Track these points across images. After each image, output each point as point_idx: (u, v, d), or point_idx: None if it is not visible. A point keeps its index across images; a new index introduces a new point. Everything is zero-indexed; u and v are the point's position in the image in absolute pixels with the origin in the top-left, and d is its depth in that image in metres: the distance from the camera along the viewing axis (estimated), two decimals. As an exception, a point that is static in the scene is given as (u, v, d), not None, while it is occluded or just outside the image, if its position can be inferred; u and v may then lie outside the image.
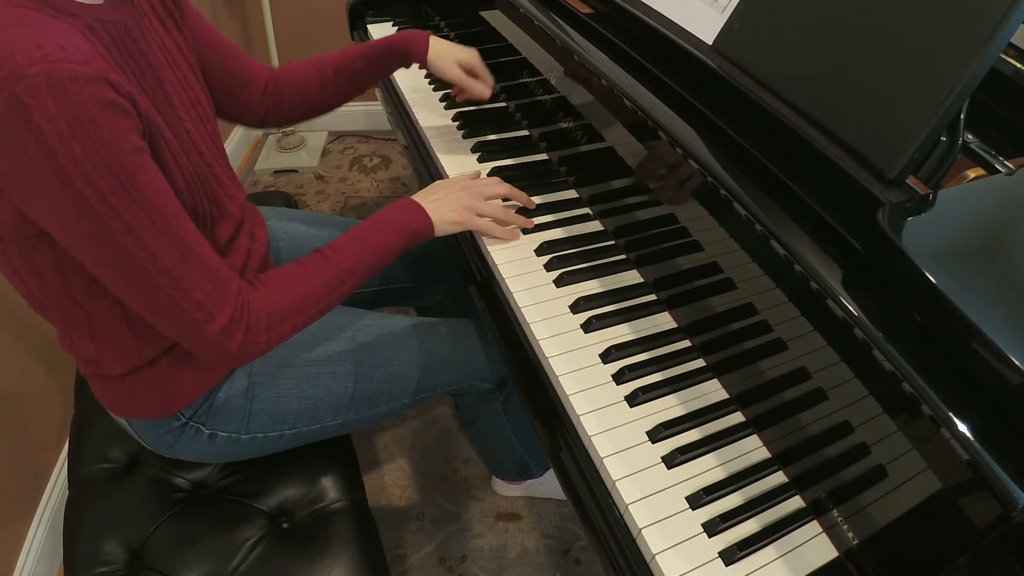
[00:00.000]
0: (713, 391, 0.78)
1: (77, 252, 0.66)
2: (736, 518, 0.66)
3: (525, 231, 0.98)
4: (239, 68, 0.99)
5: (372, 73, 1.08)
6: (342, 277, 0.82)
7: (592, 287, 0.90)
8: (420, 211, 0.90)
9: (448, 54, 1.07)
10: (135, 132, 0.63)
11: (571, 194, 1.06)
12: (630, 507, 0.67)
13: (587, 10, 1.00)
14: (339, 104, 1.10)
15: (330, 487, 0.95)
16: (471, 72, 1.09)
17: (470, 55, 1.09)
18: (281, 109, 1.06)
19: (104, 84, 0.59)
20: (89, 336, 0.78)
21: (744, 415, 0.76)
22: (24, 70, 0.55)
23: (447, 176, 1.10)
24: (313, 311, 0.80)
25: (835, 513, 0.64)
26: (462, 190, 0.94)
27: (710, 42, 0.81)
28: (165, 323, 0.70)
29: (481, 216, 0.93)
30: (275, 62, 2.31)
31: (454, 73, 1.08)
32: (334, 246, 0.83)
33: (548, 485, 1.40)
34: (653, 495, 0.68)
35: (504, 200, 1.00)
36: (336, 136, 2.55)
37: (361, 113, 2.52)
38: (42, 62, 0.56)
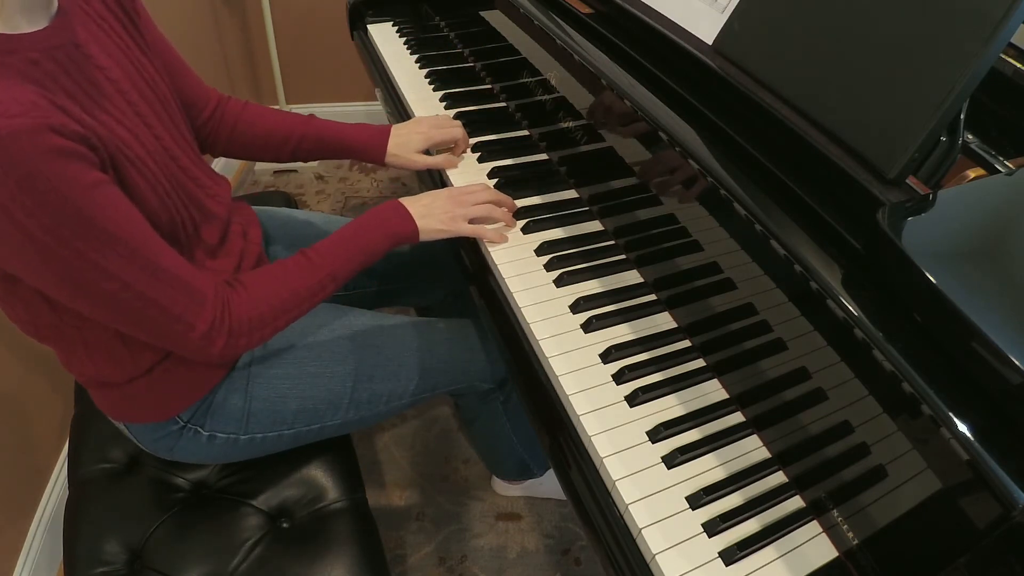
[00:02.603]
0: (713, 391, 0.78)
1: (52, 293, 0.68)
2: (736, 518, 0.66)
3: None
4: (184, 88, 0.94)
5: (327, 156, 1.08)
6: (324, 282, 0.83)
7: (592, 287, 0.90)
8: (406, 216, 0.91)
9: (408, 146, 1.07)
10: (90, 168, 0.62)
11: (571, 194, 1.05)
12: (630, 507, 0.67)
13: (587, 10, 1.00)
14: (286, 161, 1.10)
15: (330, 487, 0.95)
16: (444, 142, 1.10)
17: (430, 135, 1.08)
18: (218, 142, 1.03)
19: (48, 132, 0.57)
20: (86, 356, 0.79)
21: (744, 415, 0.76)
22: None
23: (446, 175, 1.10)
24: (294, 314, 0.82)
25: (835, 513, 0.64)
26: (449, 199, 0.95)
27: (710, 42, 0.81)
28: (149, 336, 0.74)
29: (468, 222, 0.94)
30: (275, 61, 2.31)
31: (421, 161, 1.09)
32: (319, 249, 0.84)
33: (548, 485, 1.40)
34: (653, 495, 0.68)
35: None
36: (336, 136, 2.55)
37: (361, 113, 2.52)
38: None
